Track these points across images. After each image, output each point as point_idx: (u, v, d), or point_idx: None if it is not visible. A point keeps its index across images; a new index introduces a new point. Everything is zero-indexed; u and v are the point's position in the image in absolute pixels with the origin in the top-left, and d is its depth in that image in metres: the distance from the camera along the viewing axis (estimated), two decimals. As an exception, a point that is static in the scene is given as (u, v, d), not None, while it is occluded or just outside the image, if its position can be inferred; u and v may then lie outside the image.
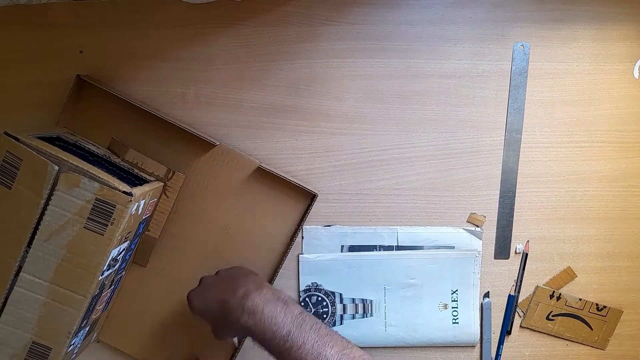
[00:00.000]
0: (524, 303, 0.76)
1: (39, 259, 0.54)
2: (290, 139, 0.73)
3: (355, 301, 0.75)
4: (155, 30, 0.71)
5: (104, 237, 0.54)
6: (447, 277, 0.75)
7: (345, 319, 0.75)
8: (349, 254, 0.74)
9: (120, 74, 0.71)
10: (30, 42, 0.70)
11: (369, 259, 0.74)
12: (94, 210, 0.53)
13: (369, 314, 0.75)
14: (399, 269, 0.74)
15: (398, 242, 0.74)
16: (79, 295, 0.55)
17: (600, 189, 0.75)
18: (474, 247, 0.75)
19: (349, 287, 0.74)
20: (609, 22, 0.74)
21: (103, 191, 0.53)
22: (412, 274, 0.74)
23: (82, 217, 0.53)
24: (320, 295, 0.75)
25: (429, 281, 0.75)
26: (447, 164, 0.74)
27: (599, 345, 0.77)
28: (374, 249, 0.74)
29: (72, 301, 0.55)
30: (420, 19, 0.73)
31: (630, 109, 0.75)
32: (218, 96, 0.72)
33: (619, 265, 0.76)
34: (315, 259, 0.74)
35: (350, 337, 0.70)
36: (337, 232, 0.74)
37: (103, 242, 0.54)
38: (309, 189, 0.70)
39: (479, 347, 0.76)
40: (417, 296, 0.75)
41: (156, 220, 0.70)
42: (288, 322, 0.53)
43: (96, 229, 0.53)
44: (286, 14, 0.72)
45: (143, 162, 0.70)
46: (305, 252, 0.74)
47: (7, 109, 0.71)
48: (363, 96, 0.73)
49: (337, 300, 0.75)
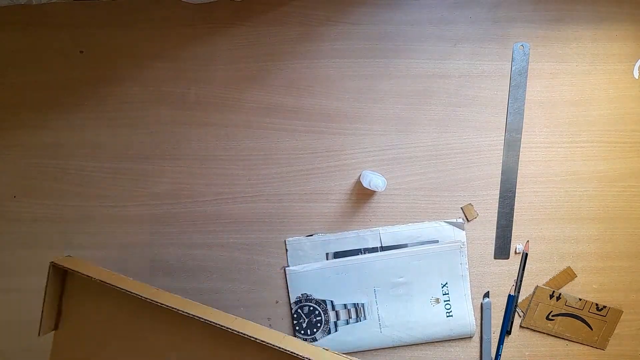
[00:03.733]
0: (524, 303, 0.76)
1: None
2: (290, 139, 0.73)
3: (347, 306, 0.75)
4: (155, 30, 0.71)
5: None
6: (434, 272, 0.75)
7: (339, 325, 0.75)
8: (334, 261, 0.74)
9: (120, 74, 0.72)
10: (30, 42, 0.71)
11: (354, 263, 0.74)
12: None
13: (362, 317, 0.75)
14: (386, 269, 0.74)
15: (382, 242, 0.74)
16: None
17: (600, 189, 0.75)
18: (457, 239, 0.75)
19: (339, 293, 0.75)
20: (609, 22, 0.74)
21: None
22: (399, 273, 0.74)
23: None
24: (311, 305, 0.75)
25: (417, 277, 0.75)
26: (447, 164, 0.74)
27: (598, 345, 0.77)
28: (359, 252, 0.75)
29: None
30: (420, 19, 0.73)
31: (630, 109, 0.75)
32: (218, 96, 0.72)
33: (619, 265, 0.76)
34: (301, 270, 0.74)
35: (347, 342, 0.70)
36: (319, 240, 0.74)
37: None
38: None
39: (478, 346, 0.76)
40: (408, 294, 0.75)
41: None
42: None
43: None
44: (286, 14, 0.72)
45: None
46: (291, 265, 0.74)
47: (7, 109, 0.71)
48: (363, 96, 0.73)
49: (329, 308, 0.75)
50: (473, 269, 0.76)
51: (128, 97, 0.72)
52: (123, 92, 0.72)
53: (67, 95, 0.71)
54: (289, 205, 0.74)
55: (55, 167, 0.72)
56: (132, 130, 0.72)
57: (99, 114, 0.72)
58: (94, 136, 0.72)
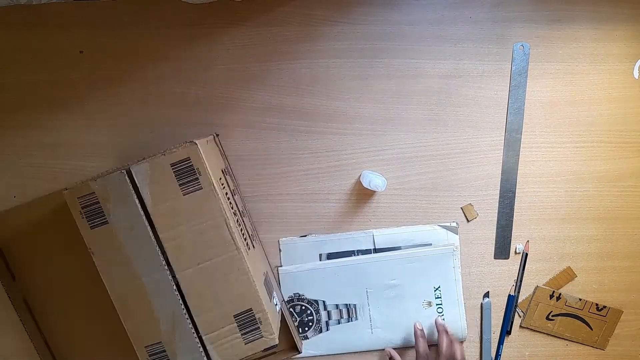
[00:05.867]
0: (524, 303, 0.76)
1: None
2: (290, 139, 0.73)
3: (339, 307, 0.75)
4: (155, 30, 0.71)
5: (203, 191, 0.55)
6: (427, 275, 0.75)
7: (330, 324, 0.75)
8: (327, 262, 0.74)
9: (120, 74, 0.71)
10: (30, 42, 0.71)
11: (347, 264, 0.74)
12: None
13: (353, 318, 0.75)
14: (379, 271, 0.74)
15: (375, 245, 0.74)
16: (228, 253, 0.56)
17: (600, 189, 0.75)
18: (450, 242, 0.75)
19: (331, 293, 0.75)
20: (609, 22, 0.74)
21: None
22: (392, 275, 0.74)
23: None
24: (303, 305, 0.75)
25: (410, 280, 0.75)
26: (447, 164, 0.74)
27: (598, 345, 0.77)
28: (352, 254, 0.75)
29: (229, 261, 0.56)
30: (420, 19, 0.73)
31: (630, 109, 0.75)
32: (218, 96, 0.72)
33: (619, 265, 0.76)
34: (294, 270, 0.74)
35: (338, 341, 0.71)
36: (313, 241, 0.74)
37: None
38: None
39: (478, 346, 0.76)
40: (400, 296, 0.75)
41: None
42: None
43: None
44: (286, 14, 0.72)
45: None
46: (284, 264, 0.74)
47: (7, 109, 0.71)
48: (363, 96, 0.73)
49: (321, 308, 0.75)
50: (473, 269, 0.76)
51: (128, 97, 0.72)
52: (123, 92, 0.72)
53: (67, 95, 0.71)
54: (289, 205, 0.74)
55: (54, 167, 0.72)
56: (132, 130, 0.72)
57: (98, 114, 0.72)
58: (94, 136, 0.72)
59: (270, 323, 0.57)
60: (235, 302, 0.57)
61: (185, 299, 0.56)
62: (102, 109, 0.72)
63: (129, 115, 0.72)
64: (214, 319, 0.57)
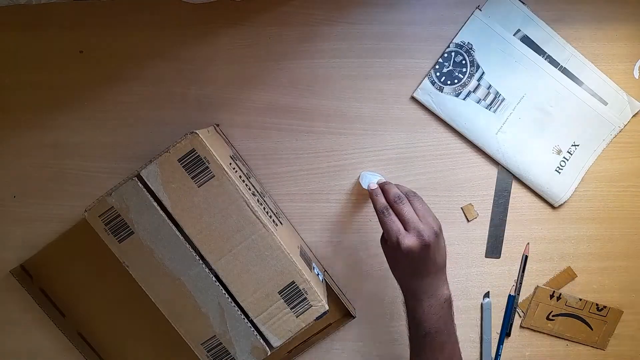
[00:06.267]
0: (524, 303, 0.76)
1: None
2: (290, 139, 0.73)
3: (490, 88, 0.71)
4: (155, 30, 0.71)
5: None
6: (578, 126, 0.72)
7: (470, 97, 0.71)
8: (522, 45, 0.71)
9: (120, 74, 0.71)
10: (30, 42, 0.71)
11: (532, 64, 0.70)
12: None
13: (494, 108, 0.71)
14: (549, 87, 0.71)
15: None
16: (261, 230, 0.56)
17: (600, 189, 0.75)
18: (616, 125, 0.72)
19: (495, 72, 0.71)
20: (609, 22, 0.74)
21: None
22: (552, 102, 0.71)
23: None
24: (466, 60, 0.71)
25: (561, 115, 0.72)
26: (447, 163, 0.74)
27: (599, 346, 0.77)
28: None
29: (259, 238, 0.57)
30: (420, 19, 0.73)
31: (630, 109, 0.75)
32: (218, 96, 0.72)
33: (619, 265, 0.76)
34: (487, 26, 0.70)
35: (460, 114, 0.69)
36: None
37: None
38: None
39: (478, 347, 0.76)
40: (542, 126, 0.72)
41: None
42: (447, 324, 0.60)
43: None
44: (286, 14, 0.72)
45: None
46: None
47: (6, 109, 0.71)
48: (363, 96, 0.73)
49: (477, 76, 0.71)
50: (473, 269, 0.76)
51: (128, 97, 0.72)
52: (123, 92, 0.72)
53: (67, 95, 0.71)
54: (289, 205, 0.74)
55: (54, 167, 0.72)
56: (132, 130, 0.72)
57: (99, 114, 0.72)
58: (94, 136, 0.72)
59: (315, 291, 0.57)
60: (277, 279, 0.57)
61: (227, 287, 0.57)
62: (102, 108, 0.72)
63: (129, 115, 0.72)
64: (260, 300, 0.57)
